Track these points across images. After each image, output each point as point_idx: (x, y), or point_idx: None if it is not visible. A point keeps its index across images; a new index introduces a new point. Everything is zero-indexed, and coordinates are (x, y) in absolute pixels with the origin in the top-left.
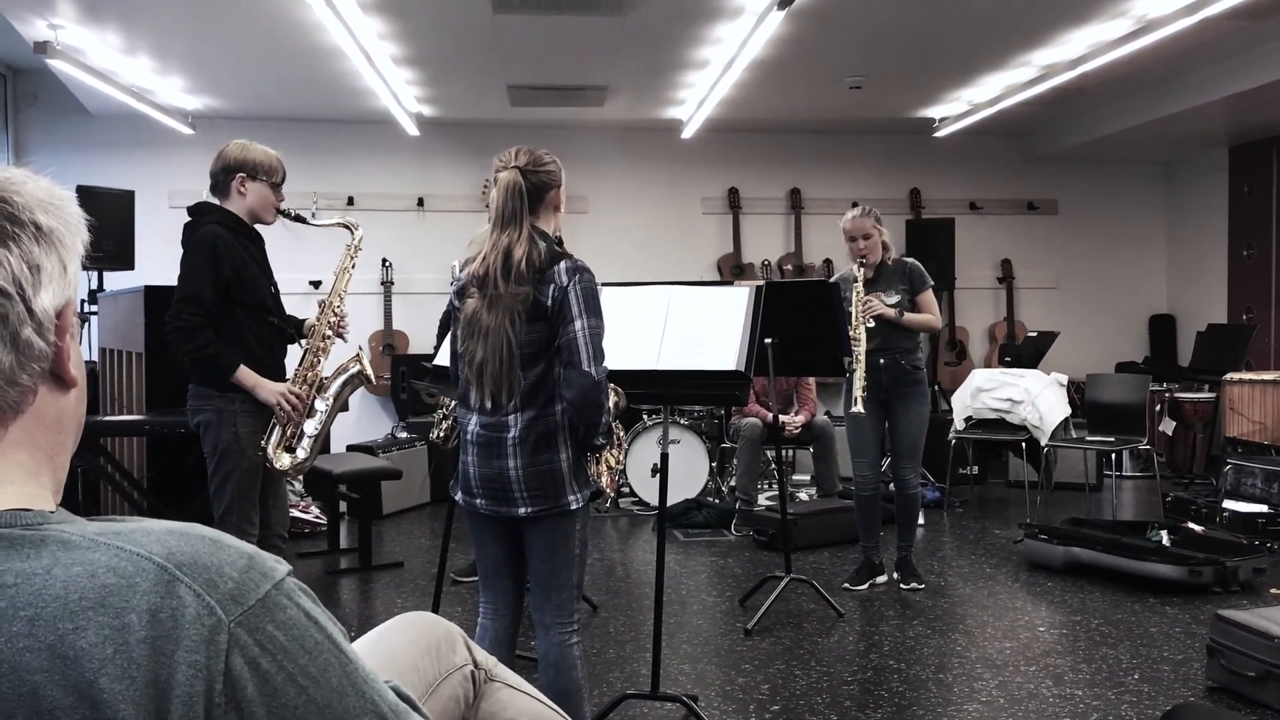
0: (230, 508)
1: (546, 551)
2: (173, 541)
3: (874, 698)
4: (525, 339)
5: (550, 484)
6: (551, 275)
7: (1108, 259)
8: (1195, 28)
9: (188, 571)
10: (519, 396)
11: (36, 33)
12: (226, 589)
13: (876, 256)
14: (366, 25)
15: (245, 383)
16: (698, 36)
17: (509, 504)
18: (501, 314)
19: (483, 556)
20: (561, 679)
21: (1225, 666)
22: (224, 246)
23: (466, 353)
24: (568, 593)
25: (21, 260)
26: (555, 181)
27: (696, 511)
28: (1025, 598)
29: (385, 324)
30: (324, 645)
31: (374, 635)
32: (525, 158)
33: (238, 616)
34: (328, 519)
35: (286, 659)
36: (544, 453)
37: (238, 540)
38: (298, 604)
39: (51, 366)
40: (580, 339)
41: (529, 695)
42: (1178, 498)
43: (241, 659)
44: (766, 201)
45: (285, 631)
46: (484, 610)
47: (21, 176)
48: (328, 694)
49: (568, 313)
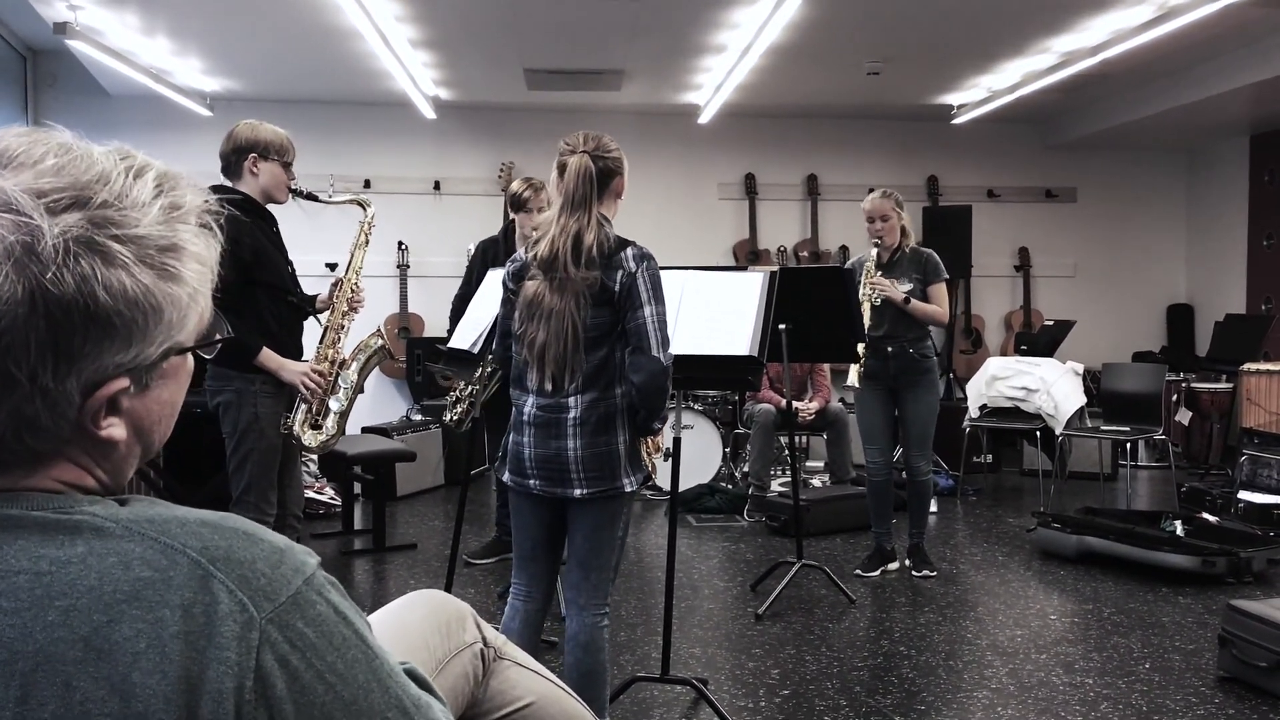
0: (249, 488)
1: (593, 530)
2: (207, 534)
3: (884, 683)
4: (591, 323)
5: (608, 466)
6: (619, 261)
7: (1126, 248)
8: (1218, 14)
9: (221, 567)
10: (581, 379)
11: (56, 13)
12: (259, 585)
13: (893, 239)
14: (384, 7)
15: (269, 365)
16: (715, 20)
17: (565, 485)
18: (568, 297)
19: (523, 539)
20: (589, 659)
21: (1237, 657)
22: (243, 229)
23: (526, 335)
24: (606, 574)
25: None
26: (620, 168)
27: (709, 497)
28: (1037, 586)
29: (401, 307)
30: (351, 641)
31: (385, 612)
32: (593, 143)
33: (269, 613)
34: (342, 500)
35: (315, 656)
36: (603, 435)
37: (271, 533)
38: (327, 599)
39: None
40: (650, 325)
41: (538, 674)
42: (1193, 488)
43: (272, 656)
44: (783, 187)
45: (315, 628)
46: (517, 591)
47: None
48: (354, 690)
49: (636, 299)
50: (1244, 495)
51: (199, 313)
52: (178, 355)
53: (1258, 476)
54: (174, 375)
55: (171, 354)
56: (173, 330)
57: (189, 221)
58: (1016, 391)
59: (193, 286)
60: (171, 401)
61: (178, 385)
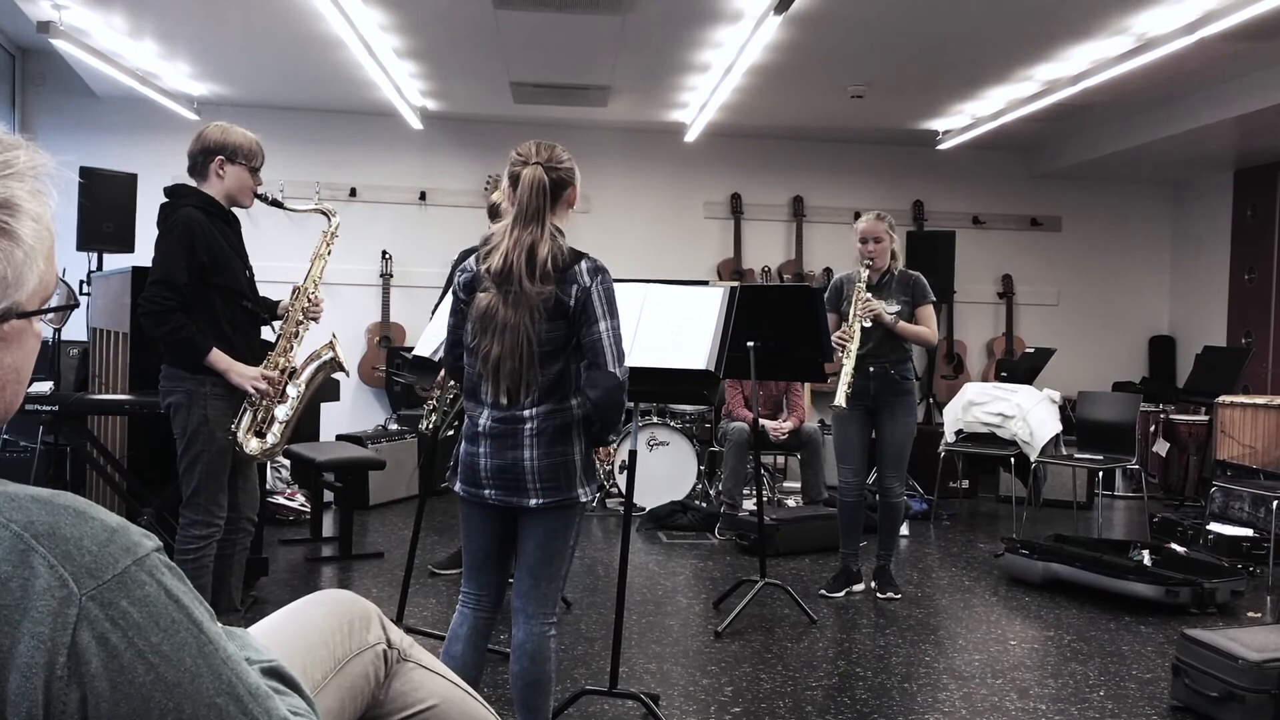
0: (198, 490)
1: (546, 539)
2: (35, 510)
3: (836, 704)
4: (545, 337)
5: (564, 476)
6: (573, 275)
7: (1110, 278)
8: (1195, 47)
9: (44, 542)
10: (536, 392)
11: (41, 12)
12: (83, 562)
13: (884, 262)
14: (368, 16)
15: (218, 366)
16: (698, 39)
17: (520, 494)
18: (523, 311)
19: (474, 548)
20: (535, 669)
21: (1189, 686)
22: (200, 230)
23: (480, 348)
24: (556, 584)
25: None
26: (572, 179)
27: (682, 514)
28: (1001, 611)
29: (383, 316)
30: (182, 624)
31: (288, 610)
32: (546, 154)
33: (91, 590)
34: (311, 507)
35: (138, 635)
36: (560, 445)
37: (107, 513)
38: (159, 580)
39: None
40: (605, 340)
41: (443, 676)
42: (1165, 518)
43: (90, 633)
44: (769, 208)
45: (141, 608)
46: (466, 599)
47: None
48: (179, 673)
49: (591, 314)
50: (1214, 527)
51: (38, 275)
52: (19, 319)
53: (1229, 509)
54: (16, 340)
55: (11, 315)
56: (10, 289)
57: (24, 181)
58: (993, 417)
59: (29, 244)
60: (15, 368)
61: (22, 353)
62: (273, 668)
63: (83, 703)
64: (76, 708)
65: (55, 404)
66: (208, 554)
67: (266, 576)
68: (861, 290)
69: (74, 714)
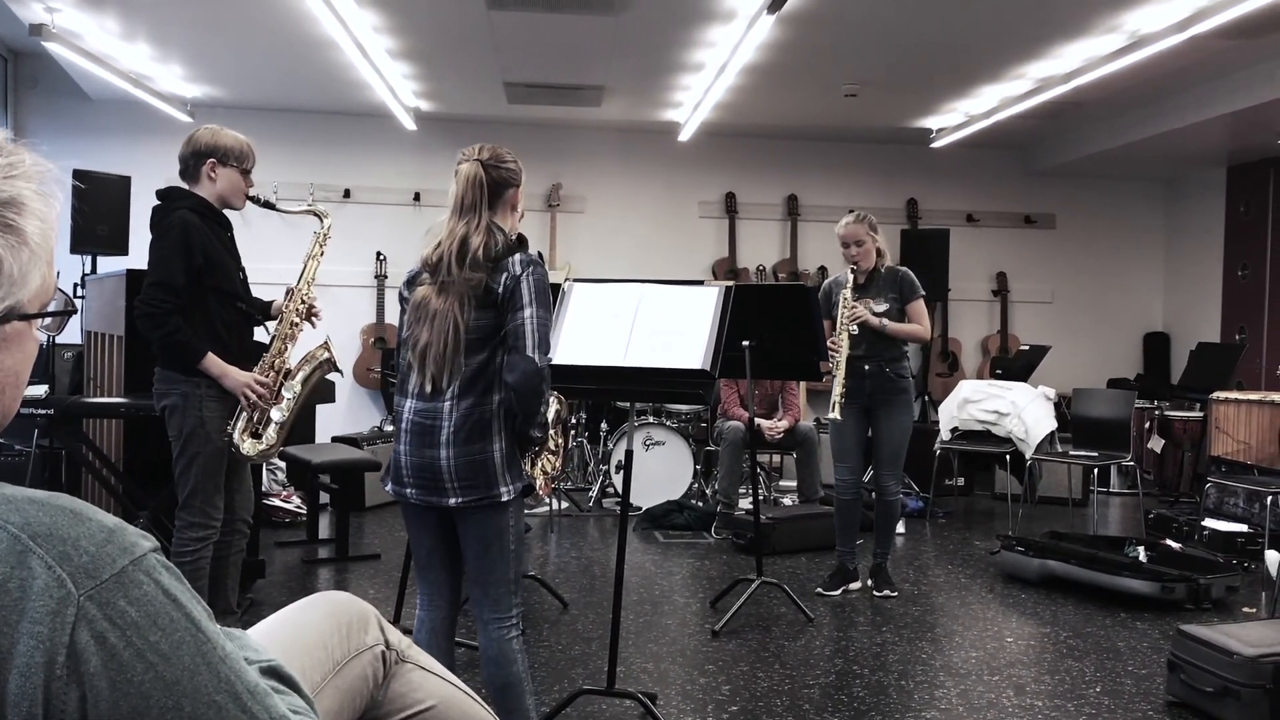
0: (194, 492)
1: (480, 547)
2: (32, 511)
3: (833, 701)
4: (473, 324)
5: (482, 474)
6: (505, 265)
7: (1105, 275)
8: (1187, 45)
9: (42, 543)
10: (459, 383)
11: (33, 15)
12: (80, 562)
13: (869, 263)
14: (361, 17)
15: (212, 371)
16: (692, 39)
17: (439, 494)
18: (451, 298)
19: (416, 547)
20: (502, 674)
21: (1185, 682)
22: (195, 232)
23: (411, 337)
24: (504, 588)
25: None
26: (515, 180)
27: (678, 513)
28: (997, 608)
29: (378, 317)
30: (179, 623)
31: (285, 612)
32: (487, 153)
33: (89, 590)
34: (308, 509)
35: (136, 634)
36: (477, 442)
37: (103, 514)
38: (156, 580)
39: None
40: (528, 326)
41: (441, 678)
42: (1160, 515)
43: (88, 633)
44: (763, 207)
45: (138, 607)
46: (420, 601)
47: None
48: (177, 671)
49: (518, 300)
50: (1209, 523)
51: (41, 276)
52: (20, 321)
53: (1224, 505)
54: (16, 342)
55: (13, 316)
56: (14, 287)
57: (31, 182)
58: (988, 415)
59: (35, 242)
60: (15, 371)
61: (22, 356)
62: (271, 667)
63: (82, 702)
64: (76, 707)
65: (50, 407)
66: (204, 556)
67: (263, 578)
68: (847, 299)
69: (73, 713)
